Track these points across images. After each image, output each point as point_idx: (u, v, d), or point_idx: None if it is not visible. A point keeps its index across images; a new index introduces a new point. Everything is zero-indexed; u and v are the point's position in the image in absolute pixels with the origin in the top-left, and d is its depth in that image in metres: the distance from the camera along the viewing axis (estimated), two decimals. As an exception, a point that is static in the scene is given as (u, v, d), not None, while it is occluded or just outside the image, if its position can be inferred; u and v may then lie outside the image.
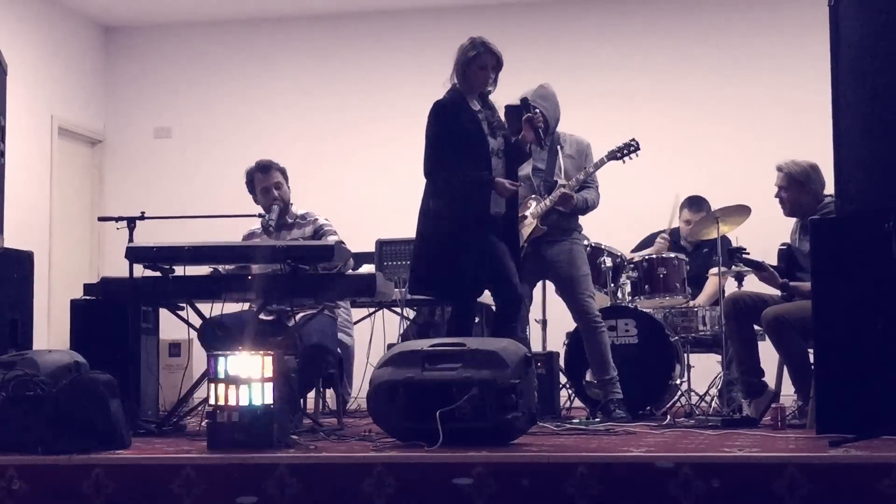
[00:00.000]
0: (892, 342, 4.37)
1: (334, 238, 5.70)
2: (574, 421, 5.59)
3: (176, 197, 9.47)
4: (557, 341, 6.75)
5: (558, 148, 6.18)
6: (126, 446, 4.27)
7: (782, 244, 5.88)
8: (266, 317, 5.60)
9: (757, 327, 5.69)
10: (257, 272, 5.49)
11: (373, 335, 6.71)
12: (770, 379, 5.74)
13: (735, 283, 6.27)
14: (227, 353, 4.27)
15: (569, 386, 6.72)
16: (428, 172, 5.51)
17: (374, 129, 9.58)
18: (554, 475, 3.55)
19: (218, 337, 5.26)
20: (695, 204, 7.35)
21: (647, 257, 6.76)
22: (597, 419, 5.74)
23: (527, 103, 5.72)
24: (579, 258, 6.13)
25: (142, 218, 5.61)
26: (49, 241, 9.09)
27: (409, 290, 5.75)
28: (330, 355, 5.67)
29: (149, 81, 10.09)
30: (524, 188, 6.07)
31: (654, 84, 9.31)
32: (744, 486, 3.46)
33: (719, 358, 6.62)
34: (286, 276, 5.08)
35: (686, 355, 6.72)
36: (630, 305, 6.65)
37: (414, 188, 5.70)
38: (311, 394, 6.24)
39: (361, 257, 6.83)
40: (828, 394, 4.51)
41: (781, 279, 5.66)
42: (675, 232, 7.38)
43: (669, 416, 5.83)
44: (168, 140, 10.00)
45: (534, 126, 5.60)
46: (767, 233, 6.20)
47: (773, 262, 5.87)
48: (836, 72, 4.19)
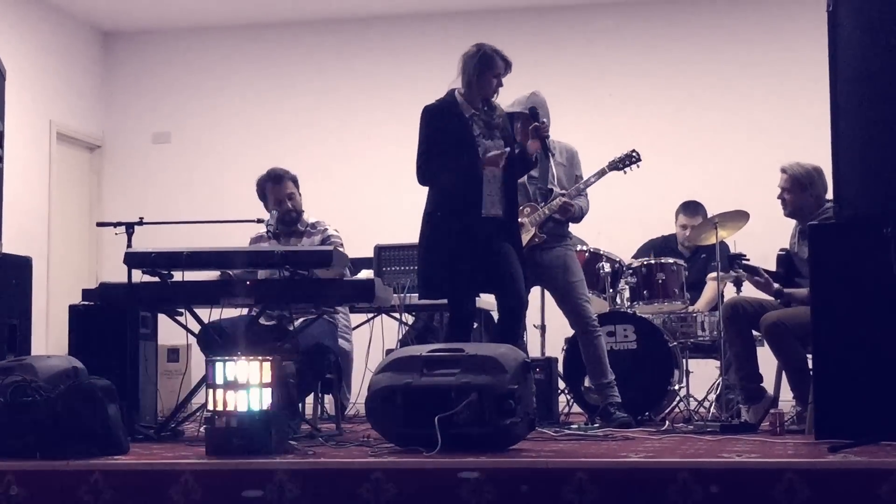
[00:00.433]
0: (890, 347, 4.37)
1: (332, 245, 5.68)
2: (573, 426, 5.59)
3: (175, 202, 9.46)
4: (556, 347, 6.75)
5: (550, 155, 6.18)
6: (124, 452, 4.26)
7: (781, 249, 5.89)
8: (267, 322, 5.59)
9: (756, 333, 5.70)
10: (263, 277, 5.49)
11: (371, 340, 6.70)
12: (769, 384, 5.74)
13: (734, 288, 6.27)
14: (226, 358, 4.27)
15: (567, 391, 6.72)
16: (418, 176, 5.50)
17: (373, 134, 9.58)
18: (553, 481, 3.55)
19: (217, 342, 5.26)
20: (690, 208, 7.34)
21: (645, 263, 6.76)
22: (595, 425, 5.73)
23: (535, 113, 5.71)
24: (573, 264, 6.14)
25: (140, 223, 5.61)
26: (48, 246, 9.07)
27: (420, 295, 5.74)
28: (330, 353, 5.67)
29: (147, 87, 10.08)
30: (519, 196, 6.04)
31: (653, 90, 9.31)
32: (742, 492, 3.46)
33: (718, 363, 6.62)
34: (285, 282, 5.08)
35: (685, 361, 6.72)
36: (629, 311, 6.65)
37: (413, 194, 5.70)
38: (310, 399, 6.23)
39: (360, 263, 6.83)
40: (826, 399, 4.51)
41: (776, 286, 5.65)
42: (672, 238, 7.38)
43: (668, 422, 5.84)
44: (167, 145, 9.98)
45: (541, 136, 5.59)
46: (766, 238, 6.21)
47: (772, 267, 5.87)
48: (834, 77, 4.20)
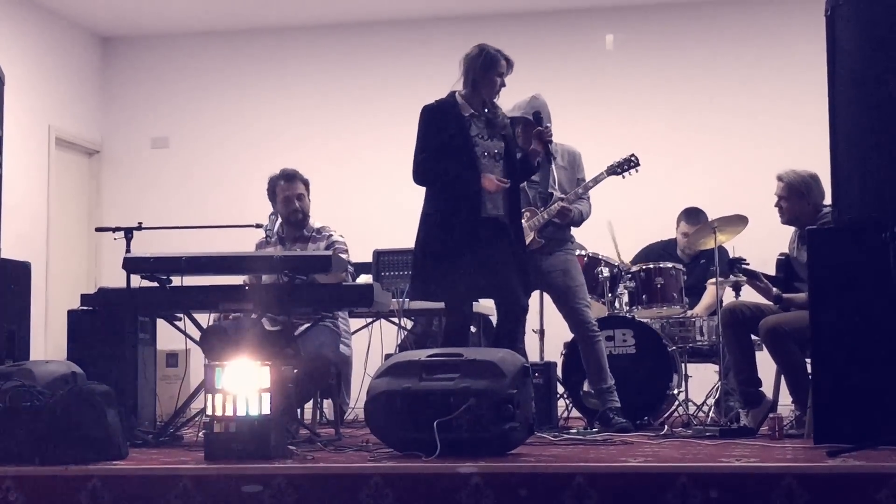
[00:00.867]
0: (889, 352, 4.37)
1: (343, 256, 5.70)
2: (572, 431, 5.59)
3: (173, 207, 9.46)
4: (555, 351, 6.75)
5: (551, 159, 6.15)
6: (123, 457, 4.26)
7: (780, 254, 5.89)
8: (272, 327, 5.58)
9: (755, 337, 5.70)
10: (265, 282, 5.50)
11: (370, 345, 6.71)
12: (768, 389, 5.74)
13: (733, 293, 6.27)
14: (225, 363, 4.27)
15: (566, 396, 6.71)
16: (413, 175, 5.49)
17: (372, 138, 9.58)
18: (552, 485, 3.55)
19: (220, 344, 5.24)
20: (693, 216, 7.34)
21: (644, 267, 6.76)
22: (594, 429, 5.73)
23: (539, 117, 5.70)
24: (574, 268, 6.13)
25: (139, 228, 5.62)
26: (46, 251, 9.07)
27: (409, 296, 5.73)
28: (330, 366, 5.66)
29: (146, 92, 10.09)
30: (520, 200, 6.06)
31: (652, 95, 9.32)
32: (742, 497, 3.46)
33: (717, 368, 6.61)
34: (284, 287, 5.08)
35: (683, 365, 6.71)
36: (627, 315, 6.65)
37: (412, 198, 5.69)
38: (309, 404, 6.23)
39: (359, 267, 6.82)
40: (825, 404, 4.51)
41: (776, 291, 5.65)
42: (672, 243, 7.38)
43: (667, 426, 5.83)
44: (165, 150, 9.99)
45: (544, 140, 5.58)
46: (765, 243, 6.21)
47: (772, 272, 5.87)
48: (832, 82, 4.19)
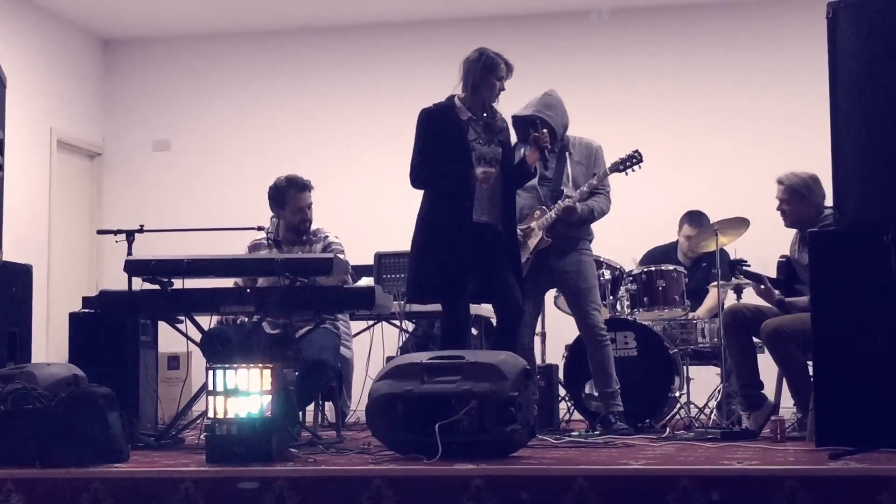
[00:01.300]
0: (891, 354, 4.37)
1: (341, 257, 5.69)
2: (573, 434, 5.58)
3: (175, 210, 9.46)
4: (557, 354, 6.75)
5: (567, 155, 6.08)
6: (124, 460, 4.26)
7: (781, 256, 5.88)
8: (272, 331, 5.58)
9: (756, 340, 5.69)
10: (262, 285, 5.49)
11: (372, 348, 6.70)
12: (769, 391, 5.74)
13: (734, 295, 6.26)
14: (226, 366, 4.27)
15: (568, 398, 6.71)
16: (410, 178, 5.51)
17: (373, 140, 9.57)
18: (553, 488, 3.55)
19: (220, 348, 5.25)
20: (695, 219, 7.33)
21: (645, 270, 6.75)
22: (596, 432, 5.72)
23: (534, 121, 5.69)
24: (587, 270, 6.05)
25: (141, 231, 5.62)
26: (48, 254, 9.07)
27: (406, 297, 5.72)
28: (330, 370, 5.66)
29: (147, 94, 10.09)
30: (531, 198, 6.04)
31: (653, 97, 9.31)
32: (743, 499, 3.46)
33: (718, 370, 6.61)
34: (285, 290, 5.08)
35: (685, 368, 6.71)
36: (629, 318, 6.64)
37: (413, 201, 5.69)
38: (310, 406, 6.23)
39: (360, 270, 6.82)
40: (827, 406, 4.51)
41: (778, 296, 5.64)
42: (672, 247, 7.37)
43: (669, 429, 5.82)
44: (167, 153, 9.99)
45: (540, 146, 5.58)
46: (767, 245, 6.20)
47: (773, 274, 5.87)
48: (834, 84, 4.19)
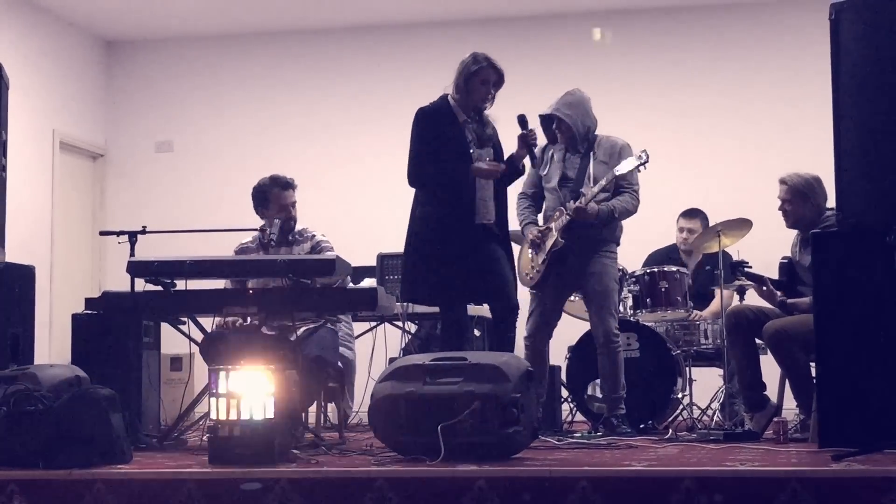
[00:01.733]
0: (893, 355, 4.37)
1: (332, 255, 5.69)
2: (576, 435, 5.58)
3: (177, 211, 9.46)
4: (559, 355, 6.74)
5: (591, 154, 5.98)
6: (127, 461, 4.26)
7: (783, 257, 5.88)
8: (268, 332, 5.60)
9: (759, 341, 5.69)
10: (254, 286, 5.49)
11: (374, 349, 6.71)
12: (772, 393, 5.73)
13: (737, 296, 6.26)
14: (229, 367, 4.27)
15: (570, 400, 6.71)
16: (410, 177, 5.51)
17: (375, 142, 9.56)
18: (556, 489, 3.55)
19: (220, 351, 5.25)
20: (689, 212, 7.35)
21: (648, 271, 6.75)
22: (599, 433, 5.72)
23: (524, 120, 5.68)
24: (606, 274, 5.92)
25: (143, 232, 5.62)
26: (51, 255, 9.07)
27: (400, 297, 5.71)
28: (330, 367, 5.66)
29: (150, 95, 10.09)
30: (554, 199, 5.95)
31: (655, 99, 9.30)
32: (746, 501, 3.46)
33: (721, 371, 6.61)
34: (288, 291, 5.08)
35: (688, 369, 6.71)
36: (632, 319, 6.64)
37: (416, 202, 5.70)
38: (313, 408, 6.23)
39: (363, 271, 6.83)
40: (830, 407, 4.50)
41: (780, 297, 5.64)
42: (674, 248, 7.36)
43: (671, 430, 5.82)
44: (169, 154, 9.98)
45: (528, 144, 5.58)
46: (769, 246, 6.20)
47: (775, 275, 5.86)
48: (836, 85, 4.19)
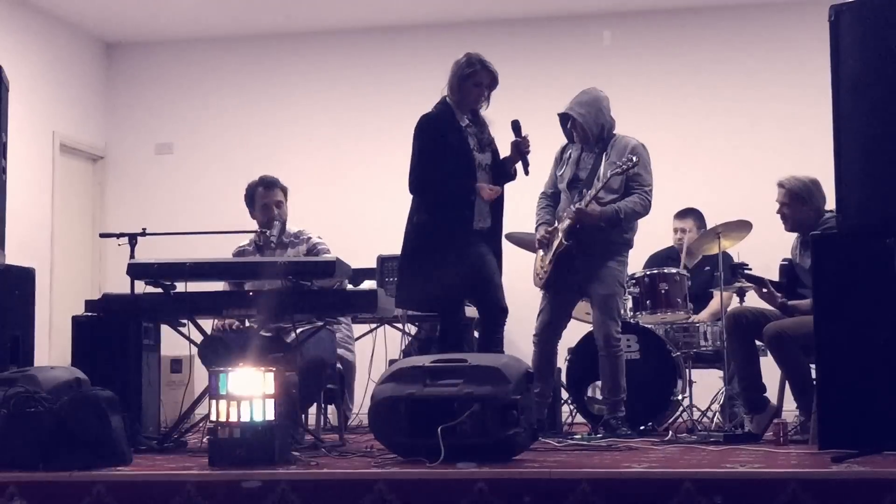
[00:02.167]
0: (893, 357, 4.37)
1: (331, 256, 5.69)
2: (576, 437, 5.58)
3: (177, 213, 9.46)
4: (559, 356, 6.72)
5: (604, 155, 5.97)
6: (127, 463, 4.26)
7: (783, 259, 5.88)
8: (265, 333, 5.60)
9: (758, 343, 5.69)
10: (251, 288, 5.49)
11: (374, 351, 6.71)
12: (772, 394, 5.73)
13: (737, 298, 6.26)
14: (229, 369, 4.27)
15: (570, 401, 6.71)
16: (412, 185, 5.52)
17: (376, 144, 9.56)
18: (556, 491, 3.55)
19: (218, 354, 5.25)
20: (682, 213, 7.36)
21: (648, 273, 6.75)
22: (599, 435, 5.72)
23: (517, 126, 5.67)
24: (608, 276, 5.90)
25: (143, 234, 5.62)
26: (51, 257, 9.07)
27: (396, 304, 5.71)
28: (328, 368, 5.66)
29: (150, 98, 10.09)
30: (566, 200, 5.95)
31: (655, 100, 9.30)
32: (746, 502, 3.46)
33: (721, 373, 6.61)
34: (288, 293, 5.08)
35: (688, 371, 6.71)
36: (632, 321, 6.64)
37: (415, 204, 5.70)
38: (313, 410, 6.23)
39: (363, 273, 6.82)
40: (830, 409, 4.50)
41: (781, 299, 5.64)
42: (674, 249, 7.36)
43: (671, 432, 5.82)
44: (169, 156, 9.99)
45: (520, 151, 5.59)
46: (769, 248, 6.20)
47: (775, 276, 5.86)
48: (836, 87, 4.20)
